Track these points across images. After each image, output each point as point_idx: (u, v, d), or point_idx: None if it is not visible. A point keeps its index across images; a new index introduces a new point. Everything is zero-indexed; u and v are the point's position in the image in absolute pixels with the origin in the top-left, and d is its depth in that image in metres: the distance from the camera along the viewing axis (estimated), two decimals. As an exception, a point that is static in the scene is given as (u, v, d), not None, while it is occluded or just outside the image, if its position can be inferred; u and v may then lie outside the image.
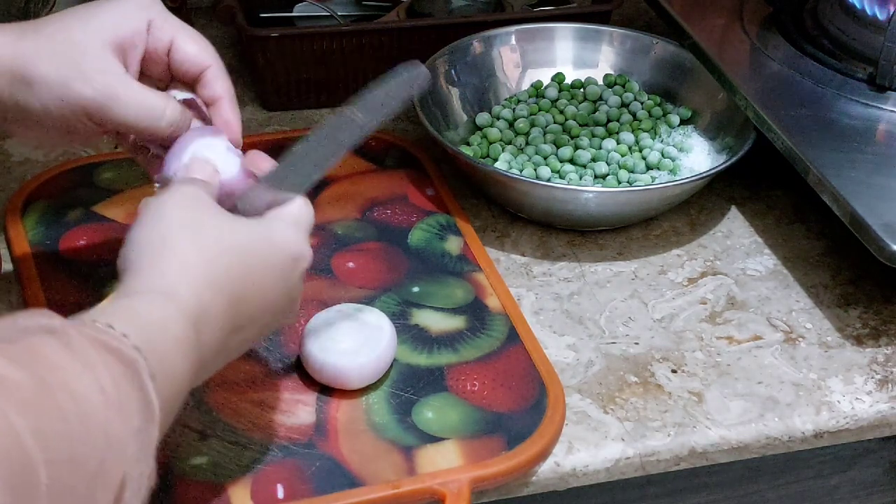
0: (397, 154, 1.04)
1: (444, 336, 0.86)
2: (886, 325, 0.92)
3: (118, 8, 0.75)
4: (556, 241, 0.97)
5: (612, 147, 1.02)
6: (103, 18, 0.74)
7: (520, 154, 1.01)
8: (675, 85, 1.09)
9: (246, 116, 1.10)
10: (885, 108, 1.00)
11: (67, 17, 0.75)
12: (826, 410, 0.85)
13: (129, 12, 0.75)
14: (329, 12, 1.17)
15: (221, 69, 0.77)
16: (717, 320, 0.91)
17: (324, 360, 0.80)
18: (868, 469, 0.91)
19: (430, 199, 0.99)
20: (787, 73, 1.04)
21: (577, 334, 0.89)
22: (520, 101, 1.07)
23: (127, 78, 0.75)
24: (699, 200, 1.02)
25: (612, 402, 0.84)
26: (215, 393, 0.81)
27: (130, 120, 0.74)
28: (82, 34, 0.74)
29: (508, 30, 1.10)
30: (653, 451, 0.81)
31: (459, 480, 0.76)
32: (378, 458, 0.77)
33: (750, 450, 0.83)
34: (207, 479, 0.75)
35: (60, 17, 0.75)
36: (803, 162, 0.93)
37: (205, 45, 0.77)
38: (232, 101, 0.78)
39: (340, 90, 1.11)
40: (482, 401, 0.81)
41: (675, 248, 0.98)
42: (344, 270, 0.91)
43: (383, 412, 0.80)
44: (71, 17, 0.75)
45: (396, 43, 1.10)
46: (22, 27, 0.74)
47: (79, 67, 0.73)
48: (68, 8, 0.76)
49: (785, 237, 1.00)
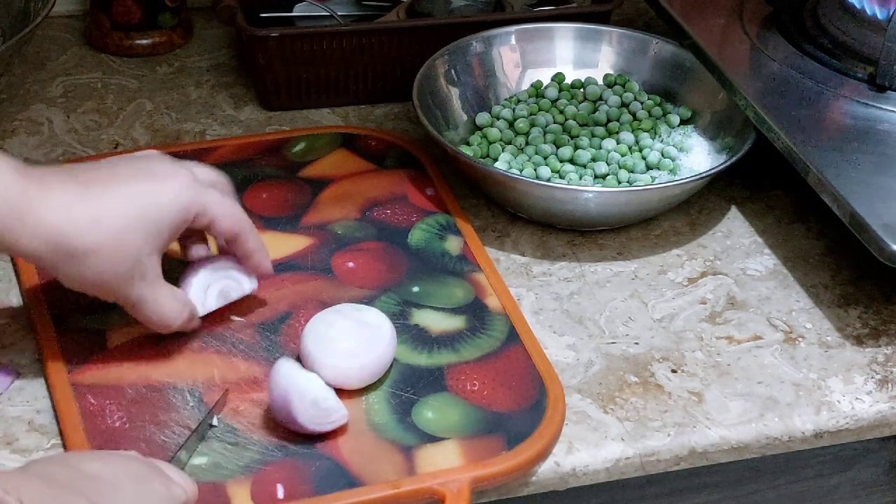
0: (397, 154, 1.04)
1: (444, 336, 0.86)
2: (886, 325, 0.92)
3: (164, 207, 0.78)
4: (556, 241, 0.97)
5: (612, 147, 1.02)
6: (152, 222, 0.77)
7: (520, 154, 1.01)
8: (675, 85, 1.09)
9: (246, 116, 1.10)
10: (885, 108, 1.00)
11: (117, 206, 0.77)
12: (826, 410, 0.85)
13: (175, 211, 0.78)
14: (329, 12, 1.17)
15: (251, 230, 0.84)
16: (717, 320, 0.91)
17: (323, 360, 0.80)
18: (868, 469, 0.91)
19: (430, 199, 0.99)
20: (787, 73, 1.04)
21: (577, 334, 0.89)
22: (520, 101, 1.07)
23: (160, 285, 0.80)
24: (699, 200, 1.02)
25: (612, 402, 0.84)
26: (215, 393, 0.81)
27: (149, 319, 0.81)
28: (142, 240, 0.77)
29: (508, 30, 1.10)
30: (653, 451, 0.81)
31: (459, 480, 0.76)
32: (378, 458, 0.77)
33: (750, 450, 0.83)
34: (207, 479, 0.75)
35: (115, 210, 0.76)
36: (803, 162, 0.93)
37: (237, 216, 0.82)
38: (262, 252, 0.85)
39: (340, 90, 1.11)
40: (482, 401, 0.81)
41: (675, 248, 0.98)
42: (344, 270, 0.91)
43: (383, 412, 0.80)
44: (120, 208, 0.77)
45: (396, 43, 1.10)
46: (74, 197, 0.76)
47: (133, 268, 0.77)
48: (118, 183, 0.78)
49: (785, 237, 1.00)
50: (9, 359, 0.84)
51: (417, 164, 1.02)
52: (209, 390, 0.81)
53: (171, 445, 0.77)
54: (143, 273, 0.78)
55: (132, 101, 1.11)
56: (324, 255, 0.92)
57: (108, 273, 0.77)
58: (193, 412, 0.79)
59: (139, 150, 0.87)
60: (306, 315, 0.85)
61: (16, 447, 0.78)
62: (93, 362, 0.82)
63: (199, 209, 0.80)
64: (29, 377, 0.83)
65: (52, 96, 1.11)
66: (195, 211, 0.79)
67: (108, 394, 0.80)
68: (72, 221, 0.75)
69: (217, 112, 1.10)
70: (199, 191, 0.80)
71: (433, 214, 0.97)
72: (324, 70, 1.10)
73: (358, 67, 1.10)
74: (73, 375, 0.81)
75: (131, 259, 0.77)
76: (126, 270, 0.77)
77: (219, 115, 1.10)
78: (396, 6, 1.17)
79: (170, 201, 0.78)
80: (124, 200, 0.77)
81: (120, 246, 0.76)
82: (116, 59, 1.17)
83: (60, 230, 0.75)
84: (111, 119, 1.09)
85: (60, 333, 0.84)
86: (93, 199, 0.76)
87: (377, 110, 1.12)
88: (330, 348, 0.80)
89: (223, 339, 0.85)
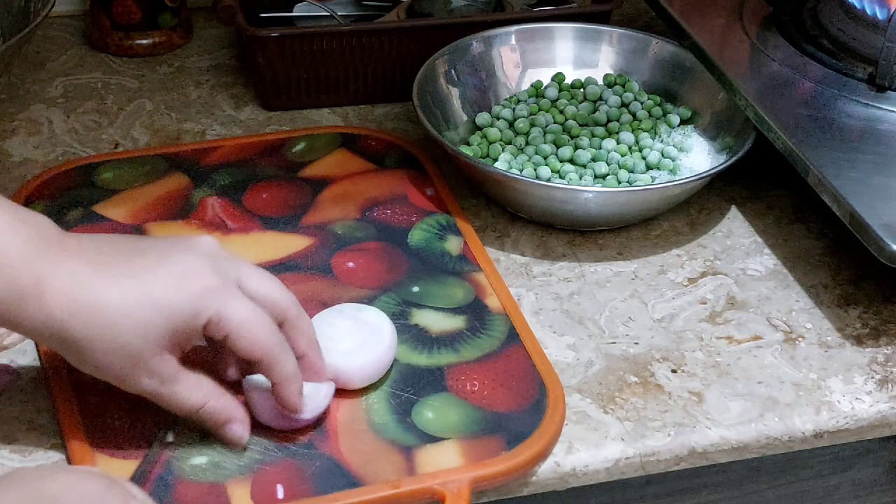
0: (397, 154, 1.04)
1: (444, 336, 0.86)
2: (886, 325, 0.92)
3: (178, 310, 0.72)
4: (556, 241, 0.97)
5: (612, 147, 1.02)
6: (160, 322, 0.72)
7: (520, 154, 1.01)
8: (675, 85, 1.09)
9: (246, 116, 1.10)
10: (885, 108, 1.00)
11: (121, 309, 0.71)
12: (826, 410, 0.85)
13: (189, 315, 0.72)
14: (329, 12, 1.17)
15: (276, 359, 0.75)
16: (717, 320, 0.91)
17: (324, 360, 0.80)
18: (868, 469, 0.91)
19: (430, 199, 0.99)
20: (787, 73, 1.04)
21: (577, 334, 0.89)
22: (520, 101, 1.07)
23: (175, 381, 0.74)
24: (699, 200, 1.02)
25: (612, 402, 0.84)
26: (215, 393, 0.81)
27: (170, 409, 0.76)
28: (142, 340, 0.72)
29: (508, 30, 1.10)
30: (653, 451, 0.81)
31: (459, 480, 0.76)
32: (378, 458, 0.77)
33: (750, 450, 0.83)
34: (207, 479, 0.75)
35: (115, 303, 0.71)
36: (803, 162, 0.93)
37: (262, 342, 0.74)
38: (289, 386, 0.75)
39: (340, 90, 1.11)
40: (482, 401, 0.81)
41: (675, 248, 0.98)
42: (344, 270, 0.91)
43: (383, 412, 0.80)
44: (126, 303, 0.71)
45: (396, 43, 1.10)
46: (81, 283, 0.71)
47: (136, 366, 0.72)
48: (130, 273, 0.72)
49: (785, 237, 1.00)
50: (9, 359, 0.84)
51: (417, 164, 1.02)
52: (209, 390, 0.81)
53: (172, 445, 0.77)
54: (151, 372, 0.73)
55: (132, 101, 1.11)
56: (324, 255, 0.92)
57: (107, 368, 0.73)
58: (193, 412, 0.79)
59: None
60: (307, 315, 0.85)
61: (16, 447, 0.78)
62: (93, 362, 0.82)
63: (213, 318, 0.73)
64: (29, 377, 0.83)
65: (52, 96, 1.11)
66: (206, 318, 0.72)
67: (108, 394, 0.80)
68: (72, 311, 0.71)
69: (217, 112, 1.10)
70: (222, 299, 0.72)
71: (433, 214, 0.97)
72: (324, 70, 1.10)
73: (358, 67, 1.10)
74: (73, 375, 0.81)
75: (130, 358, 0.72)
76: (126, 368, 0.72)
77: (219, 115, 1.10)
78: (396, 6, 1.17)
79: (180, 302, 0.72)
80: (126, 294, 0.71)
81: (114, 343, 0.71)
82: (116, 59, 1.17)
83: (60, 319, 0.71)
84: (111, 119, 1.09)
85: (60, 333, 0.84)
86: (99, 287, 0.71)
87: (377, 110, 1.12)
88: (330, 348, 0.80)
89: (223, 339, 0.85)
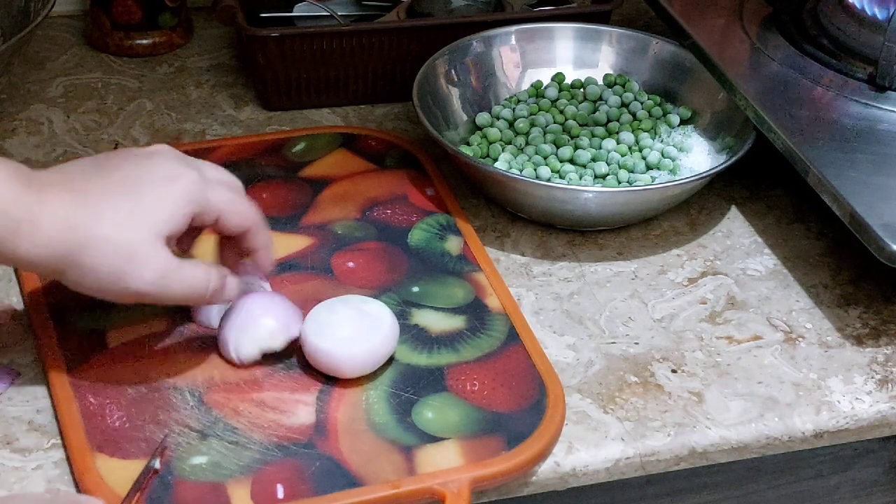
0: (397, 154, 1.04)
1: (444, 336, 0.86)
2: (886, 325, 0.92)
3: (166, 204, 0.77)
4: (556, 241, 0.97)
5: (612, 147, 1.02)
6: (152, 216, 0.76)
7: (520, 154, 1.01)
8: (675, 85, 1.09)
9: (246, 116, 1.10)
10: (885, 108, 1.00)
11: (117, 211, 0.76)
12: (826, 410, 0.85)
13: (178, 208, 0.77)
14: (329, 12, 1.17)
15: (261, 227, 0.83)
16: (717, 320, 0.91)
17: (318, 345, 0.81)
18: (868, 469, 0.91)
19: (430, 199, 0.99)
20: (787, 73, 1.04)
21: (577, 334, 0.89)
22: (520, 101, 1.07)
23: (174, 263, 0.77)
24: (699, 200, 1.02)
25: (612, 402, 0.84)
26: (215, 393, 0.81)
27: (179, 300, 0.79)
28: (134, 232, 0.76)
29: (508, 30, 1.10)
30: (653, 451, 0.81)
31: (459, 480, 0.76)
32: (378, 458, 0.77)
33: (750, 450, 0.83)
34: (207, 479, 0.75)
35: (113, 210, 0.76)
36: (803, 162, 0.93)
37: (245, 212, 0.81)
38: (267, 250, 0.84)
39: (340, 90, 1.11)
40: (482, 401, 0.81)
41: (675, 248, 0.98)
42: (344, 270, 0.91)
43: (383, 412, 0.80)
44: (120, 214, 0.76)
45: (396, 43, 1.10)
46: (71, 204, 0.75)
47: (132, 263, 0.76)
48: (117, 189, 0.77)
49: (785, 237, 1.00)
50: (9, 359, 0.84)
51: (417, 164, 1.02)
52: (209, 390, 0.81)
53: (172, 445, 0.77)
54: (142, 265, 0.76)
55: (132, 101, 1.11)
56: (324, 255, 0.92)
57: (103, 269, 0.75)
58: (193, 412, 0.79)
59: None
60: (306, 315, 0.85)
61: (16, 447, 0.78)
62: (93, 362, 0.82)
63: (202, 208, 0.79)
64: (29, 377, 0.83)
65: (52, 96, 1.11)
66: (197, 210, 0.79)
67: (108, 394, 0.80)
68: (68, 227, 0.74)
69: (217, 112, 1.10)
70: (203, 190, 0.79)
71: (433, 214, 0.97)
72: (324, 70, 1.10)
73: (358, 67, 1.10)
74: (73, 375, 0.81)
75: (125, 252, 0.75)
76: (120, 263, 0.75)
77: (219, 115, 1.10)
78: (396, 6, 1.17)
79: (172, 203, 0.77)
80: (121, 204, 0.76)
81: (110, 240, 0.75)
82: (116, 59, 1.17)
83: (58, 237, 0.74)
84: (111, 119, 1.09)
85: (60, 333, 0.84)
86: (91, 204, 0.75)
87: (377, 110, 1.12)
88: (327, 335, 0.81)
89: (223, 339, 0.85)
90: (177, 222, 0.77)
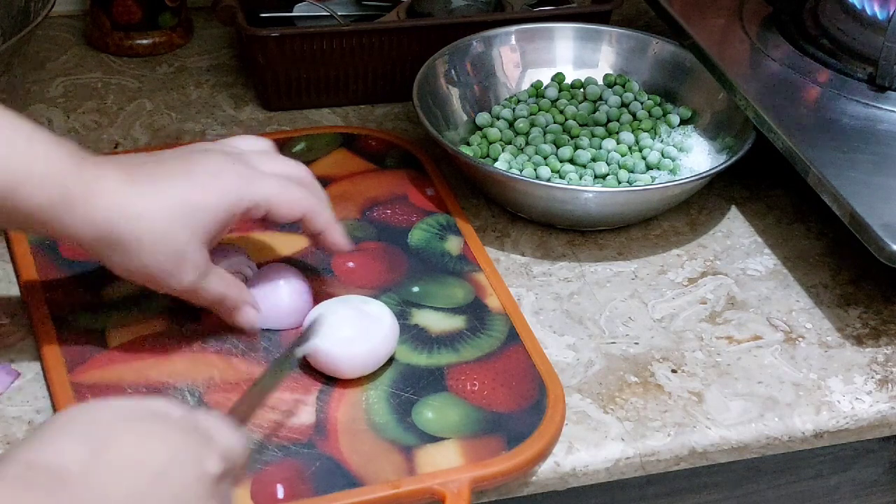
0: (397, 154, 1.04)
1: (444, 336, 0.86)
2: (886, 325, 0.92)
3: (211, 200, 0.78)
4: (556, 241, 0.97)
5: (612, 147, 1.02)
6: (199, 214, 0.78)
7: (520, 154, 1.01)
8: (675, 85, 1.09)
9: (246, 116, 1.10)
10: (885, 108, 1.00)
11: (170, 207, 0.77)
12: (826, 410, 0.85)
13: (227, 210, 0.79)
14: (329, 12, 1.17)
15: (315, 210, 0.83)
16: (717, 320, 0.91)
17: (318, 345, 0.80)
18: (868, 469, 0.91)
19: (430, 199, 0.99)
20: (787, 73, 1.04)
21: (577, 334, 0.89)
22: (520, 101, 1.07)
23: (211, 270, 0.80)
24: (699, 200, 1.02)
25: (612, 402, 0.84)
26: (215, 393, 0.81)
27: (205, 304, 0.82)
28: (187, 236, 0.78)
29: (508, 30, 1.10)
30: (653, 451, 0.81)
31: (459, 480, 0.76)
32: (378, 458, 0.77)
33: (750, 450, 0.83)
34: (207, 479, 0.75)
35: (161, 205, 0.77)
36: (803, 162, 0.93)
37: (297, 201, 0.82)
38: (330, 231, 0.84)
39: (340, 90, 1.11)
40: (482, 401, 0.81)
41: (675, 248, 0.98)
42: (344, 270, 0.91)
43: (383, 412, 0.80)
44: (172, 209, 0.77)
45: (396, 43, 1.10)
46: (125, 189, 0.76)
47: (180, 266, 0.78)
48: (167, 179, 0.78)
49: (785, 237, 1.00)
50: (9, 359, 0.84)
51: (417, 164, 1.02)
52: (209, 390, 0.81)
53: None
54: (189, 267, 0.78)
55: (132, 101, 1.11)
56: (324, 255, 0.92)
57: (153, 266, 0.77)
58: (193, 412, 0.79)
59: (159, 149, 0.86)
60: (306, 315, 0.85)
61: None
62: (93, 362, 0.82)
63: (250, 204, 0.80)
64: (29, 377, 0.83)
65: (52, 96, 1.11)
66: (244, 206, 0.80)
67: (108, 394, 0.80)
68: (121, 212, 0.76)
69: (217, 112, 1.10)
70: (250, 185, 0.80)
71: (433, 214, 0.97)
72: (324, 70, 1.10)
73: (358, 67, 1.10)
74: (73, 375, 0.81)
75: (174, 254, 0.77)
76: (169, 264, 0.78)
77: (219, 115, 1.10)
78: (396, 6, 1.17)
79: (217, 199, 0.78)
80: (170, 197, 0.77)
81: (163, 240, 0.77)
82: (116, 59, 1.17)
83: (109, 220, 0.75)
84: (111, 119, 1.09)
85: (60, 333, 0.84)
86: (142, 193, 0.77)
87: (377, 110, 1.12)
88: (327, 335, 0.81)
89: (223, 339, 0.85)
90: (219, 222, 0.79)
